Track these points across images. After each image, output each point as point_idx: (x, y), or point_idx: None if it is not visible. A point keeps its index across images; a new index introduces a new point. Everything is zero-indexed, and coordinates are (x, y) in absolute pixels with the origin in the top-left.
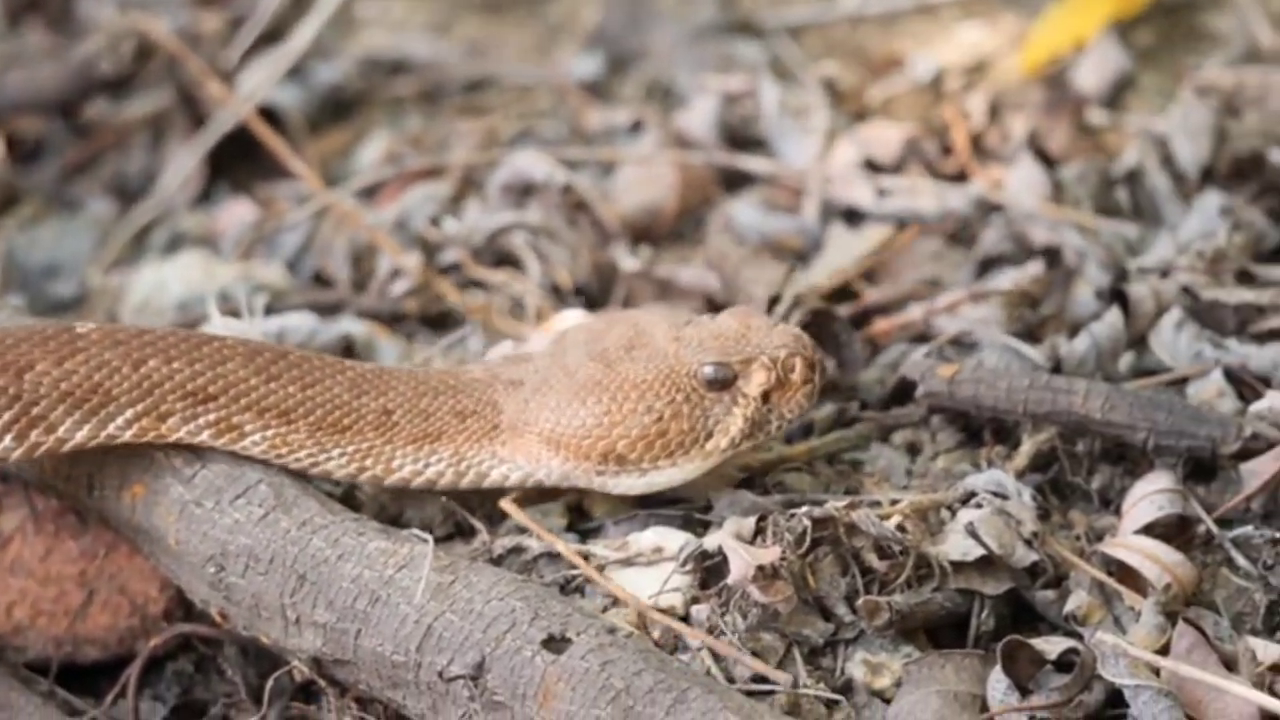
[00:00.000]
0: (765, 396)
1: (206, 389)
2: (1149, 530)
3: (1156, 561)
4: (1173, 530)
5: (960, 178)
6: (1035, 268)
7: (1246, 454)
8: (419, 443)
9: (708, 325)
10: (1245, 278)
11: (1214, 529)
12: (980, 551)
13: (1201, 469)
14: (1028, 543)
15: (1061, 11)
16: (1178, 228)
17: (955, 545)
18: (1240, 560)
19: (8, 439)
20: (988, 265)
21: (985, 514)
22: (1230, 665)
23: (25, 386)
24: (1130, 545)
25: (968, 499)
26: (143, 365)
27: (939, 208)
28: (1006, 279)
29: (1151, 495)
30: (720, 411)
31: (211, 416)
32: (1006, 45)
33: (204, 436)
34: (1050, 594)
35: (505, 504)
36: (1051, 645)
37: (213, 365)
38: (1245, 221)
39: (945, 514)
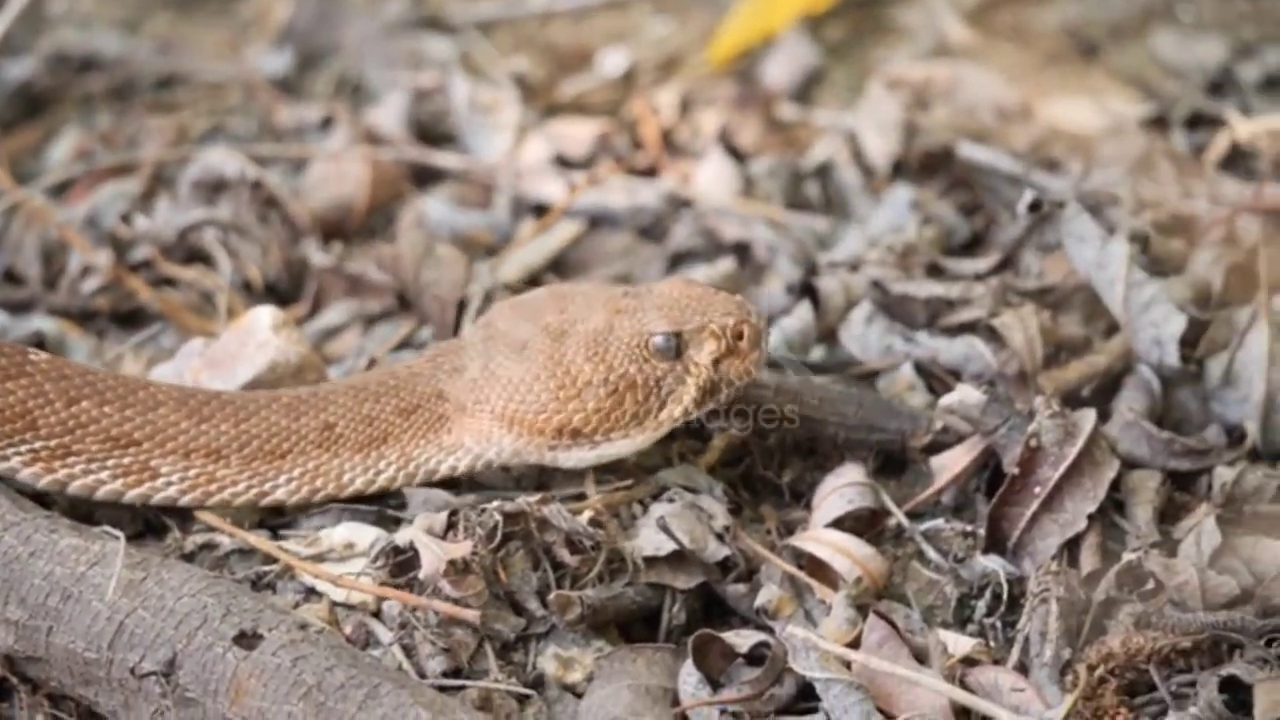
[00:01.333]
0: (715, 364)
1: (132, 434)
2: (839, 524)
3: (847, 555)
4: (863, 524)
5: (651, 173)
6: (726, 263)
7: (936, 447)
8: (365, 450)
9: (647, 296)
10: (935, 271)
11: (905, 522)
12: (672, 546)
13: (892, 462)
14: (719, 537)
15: (751, 6)
16: (867, 222)
17: (647, 540)
18: (931, 553)
19: None
20: (678, 260)
21: (677, 509)
22: (921, 658)
23: None
24: (821, 539)
25: (659, 494)
26: (75, 404)
27: (630, 203)
28: (697, 274)
29: (841, 489)
30: (673, 381)
31: (126, 460)
32: (697, 40)
33: (117, 486)
34: (741, 588)
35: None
36: (743, 639)
37: (143, 411)
38: (934, 215)
39: (637, 509)
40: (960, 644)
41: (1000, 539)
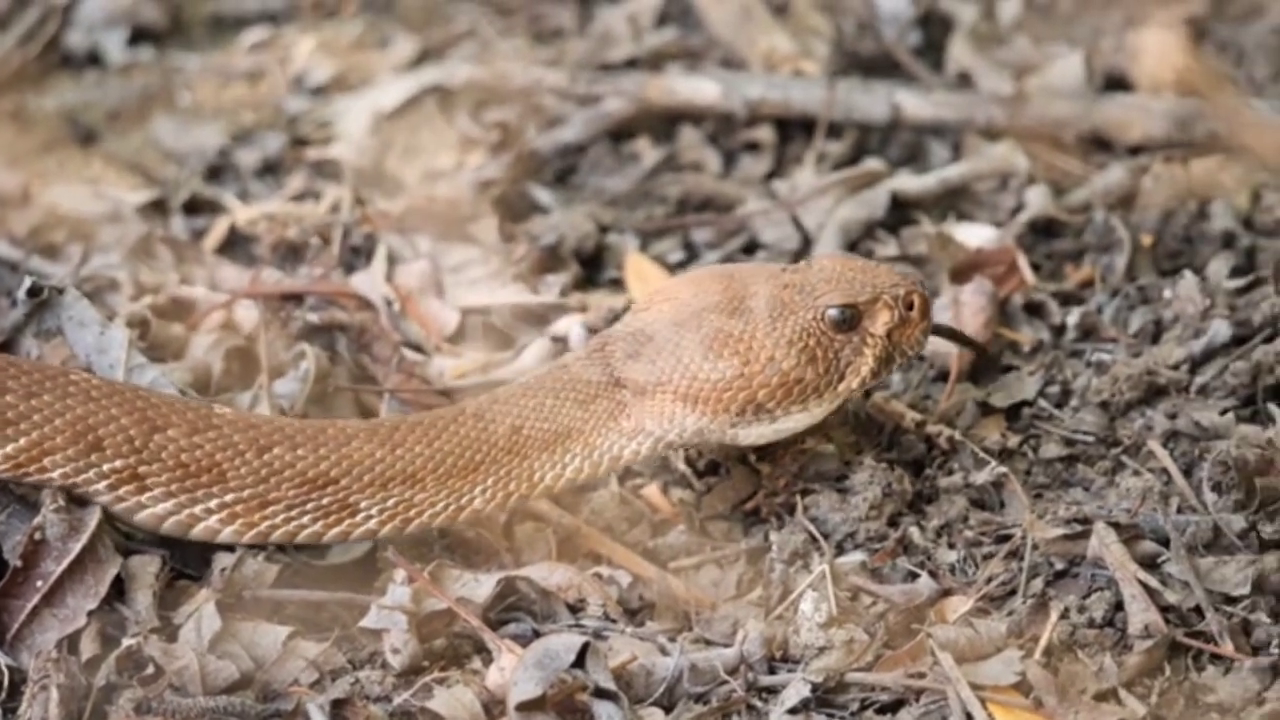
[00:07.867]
0: (889, 334)
1: (329, 473)
2: None
3: None
4: None
5: None
6: None
7: None
8: (551, 447)
9: (811, 271)
10: None
11: None
12: None
13: None
14: None
15: None
16: None
17: None
18: None
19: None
20: None
21: None
22: None
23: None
24: None
25: None
26: (267, 451)
27: None
28: None
29: None
30: (850, 353)
31: (325, 500)
32: None
33: (317, 528)
34: None
35: None
36: None
37: (336, 448)
38: None
39: None
40: None
41: (0, 631)
